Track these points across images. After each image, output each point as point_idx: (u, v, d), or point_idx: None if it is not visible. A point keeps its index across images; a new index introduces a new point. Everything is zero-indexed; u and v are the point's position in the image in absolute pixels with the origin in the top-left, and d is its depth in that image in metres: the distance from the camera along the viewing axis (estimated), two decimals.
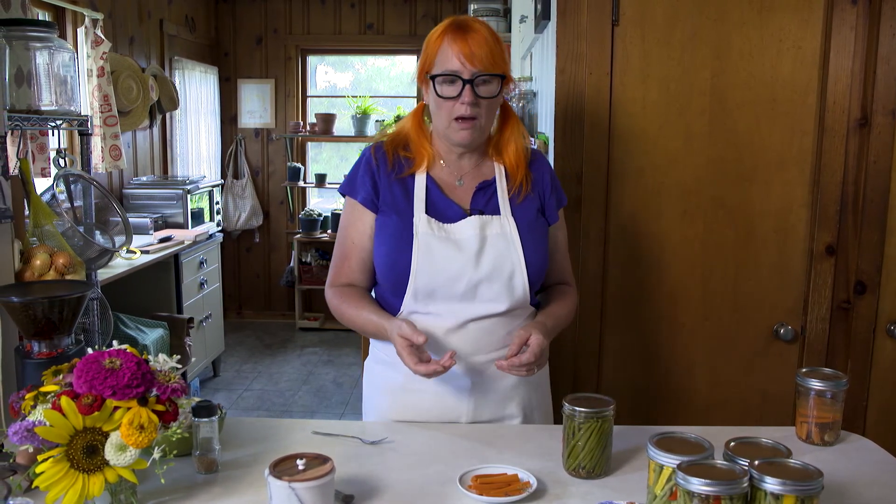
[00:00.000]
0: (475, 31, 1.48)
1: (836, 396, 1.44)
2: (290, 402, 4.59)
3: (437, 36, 1.51)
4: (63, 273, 2.18)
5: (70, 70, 2.57)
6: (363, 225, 1.58)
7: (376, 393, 1.65)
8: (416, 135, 1.59)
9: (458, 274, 1.50)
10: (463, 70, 1.46)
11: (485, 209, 1.56)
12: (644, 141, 2.01)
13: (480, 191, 1.58)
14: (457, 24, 1.50)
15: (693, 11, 1.95)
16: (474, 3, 3.70)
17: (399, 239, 1.52)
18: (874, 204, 1.97)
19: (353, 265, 1.60)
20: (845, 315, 2.02)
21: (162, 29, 5.19)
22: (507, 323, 1.55)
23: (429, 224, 1.52)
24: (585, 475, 1.31)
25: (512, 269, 1.52)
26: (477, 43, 1.46)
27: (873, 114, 1.94)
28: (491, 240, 1.52)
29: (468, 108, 1.48)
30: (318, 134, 6.15)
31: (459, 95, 1.47)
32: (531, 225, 1.57)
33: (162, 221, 4.52)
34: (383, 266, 1.55)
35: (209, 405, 1.31)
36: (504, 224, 1.54)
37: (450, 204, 1.55)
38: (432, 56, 1.51)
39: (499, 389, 1.56)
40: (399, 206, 1.55)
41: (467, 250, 1.50)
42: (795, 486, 1.03)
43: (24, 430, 1.12)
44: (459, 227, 1.52)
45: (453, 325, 1.52)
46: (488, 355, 1.53)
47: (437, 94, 1.50)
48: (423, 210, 1.53)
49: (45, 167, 2.93)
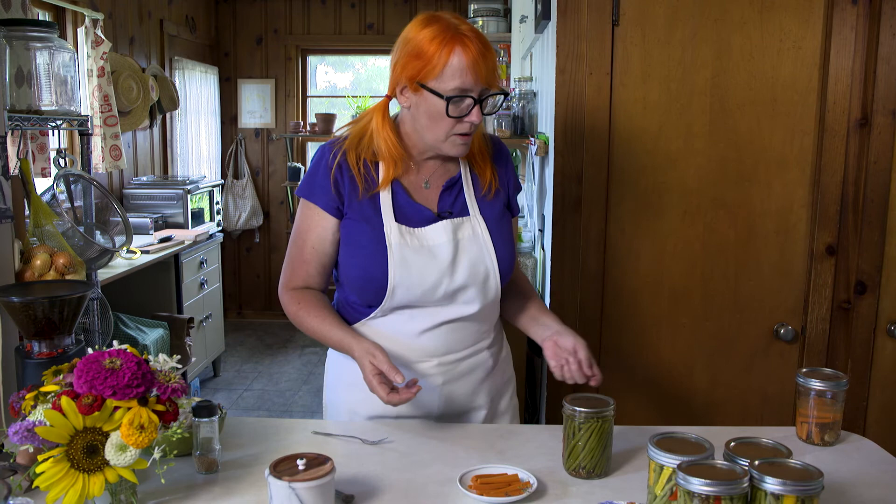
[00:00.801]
0: (480, 42, 1.41)
1: (836, 396, 1.44)
2: (291, 402, 4.60)
3: (439, 44, 1.39)
4: (63, 273, 2.18)
5: (70, 70, 2.57)
6: (323, 231, 1.52)
7: (342, 387, 1.61)
8: (381, 135, 1.50)
9: (434, 284, 1.49)
10: (475, 88, 1.41)
11: (453, 209, 1.54)
12: (644, 141, 2.01)
13: (447, 191, 1.55)
14: (463, 35, 1.40)
15: (693, 11, 1.95)
16: (474, 3, 3.69)
17: (373, 252, 1.48)
18: (874, 204, 1.97)
19: (312, 270, 1.55)
20: (846, 315, 2.02)
21: (162, 29, 5.19)
22: (478, 321, 1.56)
23: (400, 232, 1.48)
24: (585, 475, 1.31)
25: (486, 272, 1.52)
26: (485, 58, 1.41)
27: (874, 114, 1.94)
28: (463, 244, 1.51)
29: (473, 126, 1.45)
30: (319, 134, 6.14)
31: (468, 114, 1.43)
32: (499, 221, 1.57)
33: (162, 221, 4.52)
34: (358, 279, 1.51)
35: (209, 405, 1.31)
36: (475, 225, 1.53)
37: (418, 208, 1.52)
38: (436, 68, 1.40)
39: (468, 383, 1.58)
40: (366, 212, 1.50)
41: (442, 258, 1.49)
42: (796, 487, 1.03)
43: (24, 429, 1.12)
44: (431, 233, 1.50)
45: (426, 327, 1.52)
46: (458, 353, 1.55)
47: (447, 114, 1.42)
48: (393, 217, 1.49)
49: (45, 167, 2.93)
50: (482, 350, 1.59)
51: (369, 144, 1.52)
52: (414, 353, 1.53)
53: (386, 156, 1.50)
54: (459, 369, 1.56)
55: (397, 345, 1.51)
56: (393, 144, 1.50)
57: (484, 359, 1.60)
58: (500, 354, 1.66)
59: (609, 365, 2.10)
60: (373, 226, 1.49)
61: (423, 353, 1.53)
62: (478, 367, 1.59)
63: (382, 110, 1.52)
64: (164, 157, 5.29)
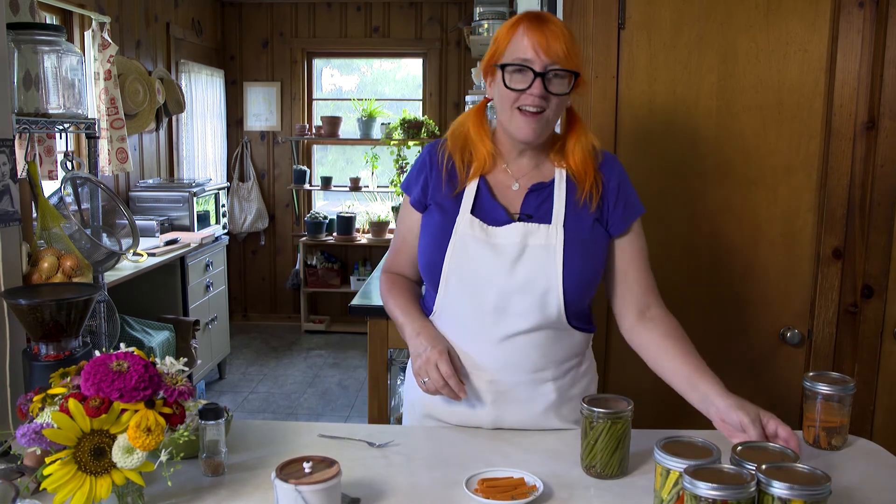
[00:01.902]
0: (552, 23, 1.40)
1: (843, 401, 1.44)
2: (296, 405, 4.60)
3: (509, 26, 1.42)
4: (70, 276, 2.19)
5: (78, 74, 2.58)
6: (412, 224, 1.58)
7: (412, 386, 1.60)
8: (476, 132, 1.51)
9: (489, 279, 1.44)
10: (536, 60, 1.37)
11: (534, 214, 1.47)
12: (650, 144, 2.01)
13: (533, 192, 1.49)
14: (533, 14, 1.42)
15: (699, 15, 1.95)
16: (480, 6, 3.70)
17: (438, 238, 1.48)
18: (881, 207, 1.96)
19: (402, 260, 1.63)
20: (852, 319, 2.02)
21: (169, 32, 5.21)
22: (539, 345, 1.47)
23: (471, 225, 1.46)
24: (600, 475, 1.31)
25: (547, 284, 1.43)
26: (553, 35, 1.37)
27: (880, 117, 1.94)
28: (531, 250, 1.44)
29: (536, 99, 1.39)
30: (324, 137, 6.16)
31: (529, 87, 1.39)
32: (584, 237, 1.46)
33: (168, 224, 4.54)
34: (422, 264, 1.54)
35: (216, 408, 1.31)
36: (551, 234, 1.44)
37: (497, 207, 1.48)
38: (502, 46, 1.42)
39: (522, 412, 1.51)
40: (445, 204, 1.51)
41: (504, 257, 1.44)
42: (803, 491, 1.02)
43: (31, 432, 1.13)
44: (502, 232, 1.45)
45: (481, 338, 1.47)
46: (513, 376, 1.48)
47: (504, 85, 1.40)
48: (469, 210, 1.48)
49: (52, 170, 2.94)
50: (545, 381, 1.50)
51: (465, 143, 1.53)
52: (467, 363, 1.49)
53: (477, 151, 1.52)
54: (514, 394, 1.49)
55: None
56: (482, 140, 1.51)
57: (544, 391, 1.50)
58: (570, 391, 1.53)
59: (615, 368, 2.10)
60: (447, 216, 1.50)
61: (473, 366, 1.49)
62: (536, 399, 1.50)
63: (478, 109, 1.56)
64: (170, 159, 5.31)
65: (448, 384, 1.41)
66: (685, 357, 1.46)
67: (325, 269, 6.11)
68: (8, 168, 1.97)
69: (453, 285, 1.48)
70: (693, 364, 1.44)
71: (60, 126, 2.54)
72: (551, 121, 1.45)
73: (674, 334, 1.49)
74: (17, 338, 1.94)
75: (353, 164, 6.45)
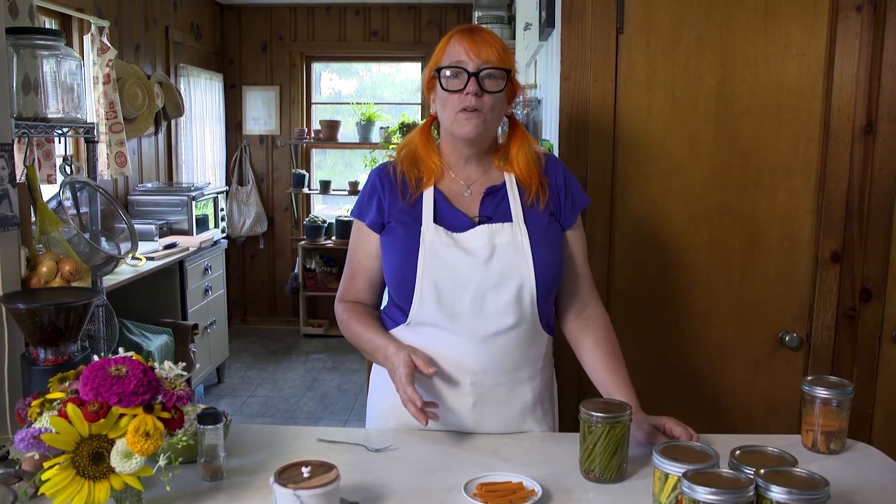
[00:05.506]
0: (484, 31, 1.52)
1: (842, 404, 1.44)
2: (295, 409, 4.59)
3: (445, 40, 1.54)
4: (69, 280, 2.18)
5: (77, 78, 2.58)
6: (369, 246, 1.59)
7: (382, 394, 1.62)
8: (423, 147, 1.58)
9: (465, 279, 1.48)
10: (469, 62, 1.47)
11: (494, 215, 1.54)
12: (649, 147, 2.01)
13: (489, 196, 1.56)
14: (466, 27, 1.54)
15: (698, 18, 1.95)
16: (479, 11, 3.71)
17: (405, 251, 1.51)
18: (880, 210, 1.97)
19: (360, 285, 1.63)
20: (851, 322, 2.02)
21: (168, 36, 5.22)
22: (517, 345, 1.51)
23: (436, 233, 1.50)
24: (599, 479, 1.31)
25: (521, 279, 1.49)
26: (484, 41, 1.49)
27: (878, 120, 1.94)
28: (500, 248, 1.50)
29: (472, 98, 1.47)
30: (323, 140, 6.16)
31: (465, 87, 1.47)
32: (544, 232, 1.54)
33: (167, 228, 4.54)
34: (392, 281, 1.55)
35: (214, 412, 1.31)
36: (515, 232, 1.51)
37: (457, 214, 1.53)
38: (439, 56, 1.53)
39: (501, 414, 1.54)
40: (404, 219, 1.54)
41: (476, 259, 1.49)
42: (801, 495, 1.03)
43: (30, 436, 1.13)
44: (468, 237, 1.50)
45: (461, 341, 1.49)
46: (494, 376, 1.51)
47: (442, 88, 1.50)
48: (431, 220, 1.52)
49: (50, 174, 2.94)
50: (522, 381, 1.54)
51: (414, 159, 1.59)
52: (448, 367, 1.50)
53: (426, 165, 1.58)
54: (494, 396, 1.52)
55: (431, 356, 1.49)
56: (429, 154, 1.58)
57: (522, 392, 1.55)
58: (542, 392, 1.59)
59: None
60: (409, 228, 1.53)
61: (456, 368, 1.51)
62: (515, 400, 1.54)
63: (424, 127, 1.62)
64: (168, 163, 5.31)
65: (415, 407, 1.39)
66: (610, 373, 1.58)
67: (323, 272, 6.11)
68: (7, 172, 1.97)
69: (428, 293, 1.49)
70: (615, 381, 1.56)
71: (59, 130, 2.54)
72: (489, 121, 1.51)
73: (605, 346, 1.60)
74: (16, 342, 1.94)
75: (351, 168, 6.45)
